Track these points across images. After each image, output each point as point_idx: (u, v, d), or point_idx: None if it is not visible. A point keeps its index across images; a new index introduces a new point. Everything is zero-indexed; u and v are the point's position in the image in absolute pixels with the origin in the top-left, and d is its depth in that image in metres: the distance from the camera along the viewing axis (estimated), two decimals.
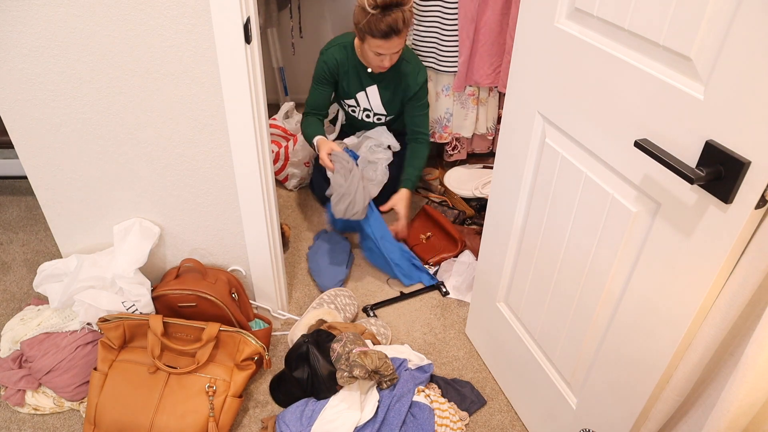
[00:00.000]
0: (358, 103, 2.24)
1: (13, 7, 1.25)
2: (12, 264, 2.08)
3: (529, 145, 1.26)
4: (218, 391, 1.47)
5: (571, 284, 1.20)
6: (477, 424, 1.58)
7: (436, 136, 2.48)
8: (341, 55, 2.11)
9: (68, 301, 1.51)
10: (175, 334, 1.53)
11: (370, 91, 2.18)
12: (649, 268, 0.96)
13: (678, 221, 0.88)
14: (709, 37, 0.76)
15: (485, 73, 2.31)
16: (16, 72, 1.33)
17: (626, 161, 0.96)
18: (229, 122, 1.43)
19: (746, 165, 0.74)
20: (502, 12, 2.18)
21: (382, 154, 2.25)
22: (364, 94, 2.20)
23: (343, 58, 2.11)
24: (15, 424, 1.55)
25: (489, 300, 1.61)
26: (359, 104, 2.25)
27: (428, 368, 1.61)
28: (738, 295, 0.80)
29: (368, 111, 2.27)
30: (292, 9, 2.84)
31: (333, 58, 2.11)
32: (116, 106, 1.40)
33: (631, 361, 1.05)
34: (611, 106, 0.97)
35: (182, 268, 1.64)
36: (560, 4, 1.06)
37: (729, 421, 0.79)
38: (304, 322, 1.72)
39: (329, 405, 1.46)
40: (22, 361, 1.57)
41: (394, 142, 2.26)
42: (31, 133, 1.43)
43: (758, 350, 0.74)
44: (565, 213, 1.17)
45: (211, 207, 1.60)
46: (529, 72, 1.20)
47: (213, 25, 1.28)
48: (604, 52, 0.96)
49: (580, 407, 1.27)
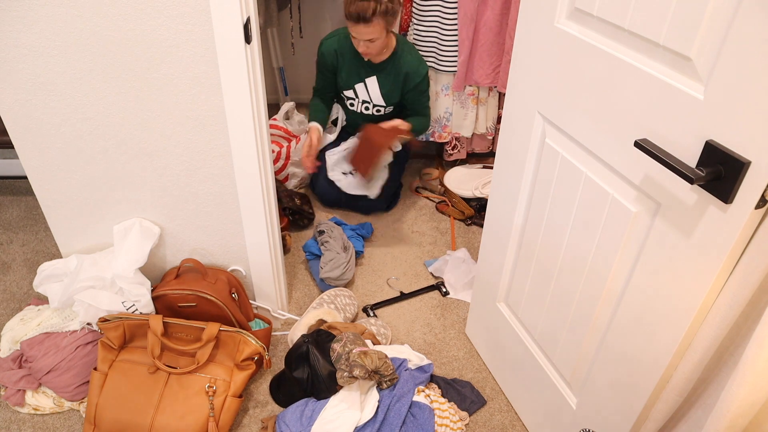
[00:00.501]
0: (356, 94, 2.25)
1: (13, 7, 1.25)
2: (12, 264, 2.08)
3: (529, 145, 1.26)
4: (218, 391, 1.47)
5: (571, 284, 1.20)
6: (477, 424, 1.58)
7: (436, 136, 2.48)
8: (339, 45, 2.14)
9: (68, 301, 1.51)
10: (175, 334, 1.53)
11: (369, 82, 2.20)
12: (649, 268, 0.96)
13: (678, 221, 0.88)
14: (709, 37, 0.76)
15: (485, 73, 2.32)
16: (16, 72, 1.33)
17: (626, 161, 0.96)
18: (229, 122, 1.43)
19: (746, 165, 0.74)
20: (501, 12, 2.18)
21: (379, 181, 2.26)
22: (363, 85, 2.21)
23: (341, 48, 2.14)
24: (15, 424, 1.55)
25: (489, 300, 1.61)
26: (358, 96, 2.25)
27: (428, 368, 1.61)
28: (738, 295, 0.80)
29: (367, 103, 2.27)
30: (292, 9, 2.84)
31: (331, 49, 2.15)
32: (116, 106, 1.40)
33: (631, 361, 1.05)
34: (611, 106, 0.97)
35: (182, 268, 1.64)
36: (560, 4, 1.06)
37: (729, 421, 0.79)
38: (304, 322, 1.72)
39: (329, 405, 1.46)
40: (22, 361, 1.57)
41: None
42: (31, 133, 1.43)
43: (758, 350, 0.74)
44: (565, 213, 1.17)
45: (211, 207, 1.60)
46: (529, 72, 1.20)
47: (213, 25, 1.28)
48: (604, 52, 0.96)
49: (580, 407, 1.27)
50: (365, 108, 2.29)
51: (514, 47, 1.23)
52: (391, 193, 2.37)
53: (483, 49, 2.26)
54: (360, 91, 2.23)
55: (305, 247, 2.09)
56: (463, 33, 2.21)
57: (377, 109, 2.27)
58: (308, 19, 2.93)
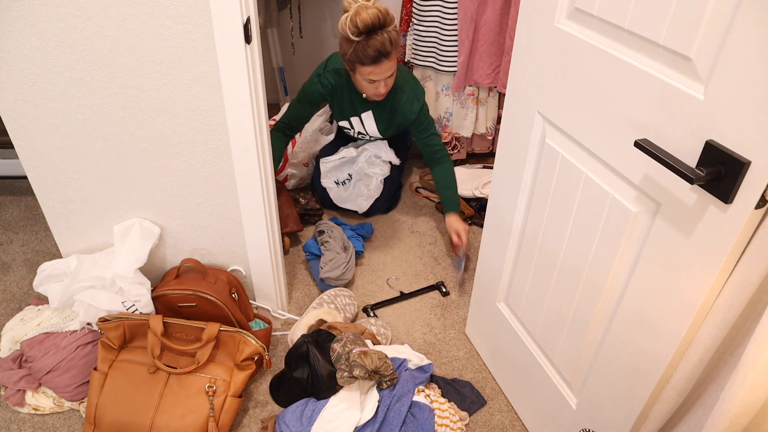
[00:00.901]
0: (352, 126, 2.22)
1: (13, 7, 1.25)
2: (12, 264, 2.08)
3: (529, 145, 1.26)
4: (218, 391, 1.47)
5: (571, 284, 1.20)
6: (477, 424, 1.58)
7: None
8: (335, 80, 2.05)
9: (68, 301, 1.51)
10: (175, 334, 1.53)
11: (365, 116, 2.14)
12: (649, 268, 0.96)
13: (678, 221, 0.88)
14: (709, 37, 0.76)
15: (485, 73, 2.32)
16: (16, 72, 1.33)
17: (626, 161, 0.96)
18: (229, 122, 1.43)
19: (746, 165, 0.74)
20: (501, 12, 2.18)
21: (379, 168, 2.25)
22: (359, 119, 2.16)
23: (337, 83, 2.06)
24: (15, 424, 1.55)
25: (489, 300, 1.61)
26: (353, 127, 2.22)
27: (428, 368, 1.61)
28: (738, 295, 0.80)
29: (363, 134, 2.25)
30: (292, 9, 2.84)
31: (329, 82, 2.05)
32: (116, 106, 1.40)
33: (631, 361, 1.05)
34: (611, 105, 0.97)
35: (182, 268, 1.64)
36: (560, 4, 1.06)
37: (729, 421, 0.80)
38: (304, 322, 1.72)
39: (329, 405, 1.46)
40: (22, 361, 1.57)
41: (393, 158, 2.24)
42: (31, 133, 1.43)
43: (758, 350, 0.74)
44: (565, 213, 1.17)
45: (211, 207, 1.60)
46: (529, 72, 1.20)
47: (213, 25, 1.28)
48: (604, 52, 0.96)
49: (580, 407, 1.27)
50: (361, 137, 2.28)
51: (514, 47, 1.23)
52: (391, 195, 2.37)
53: (483, 50, 2.26)
54: (355, 124, 2.19)
55: (305, 247, 2.09)
56: (463, 33, 2.21)
57: (372, 137, 2.26)
58: (308, 19, 2.93)
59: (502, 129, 1.36)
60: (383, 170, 2.24)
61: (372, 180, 2.25)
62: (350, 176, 2.28)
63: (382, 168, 2.24)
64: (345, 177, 2.28)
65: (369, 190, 2.24)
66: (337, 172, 2.29)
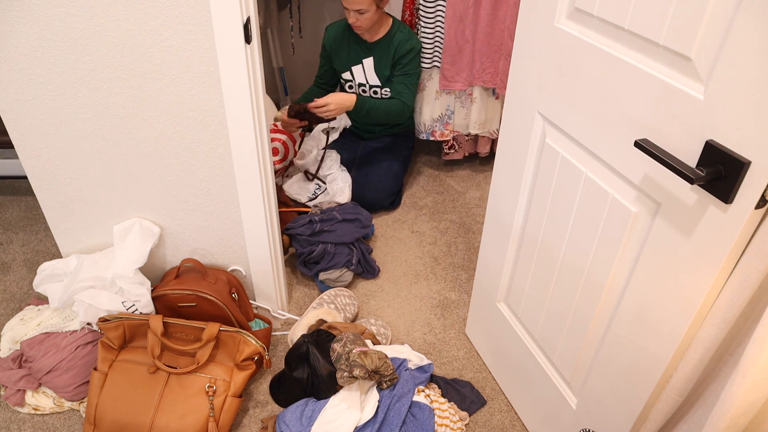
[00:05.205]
0: (353, 76, 2.31)
1: (13, 7, 1.25)
2: (12, 264, 2.08)
3: (529, 145, 1.26)
4: (218, 391, 1.47)
5: (571, 284, 1.20)
6: (477, 424, 1.58)
7: (437, 134, 2.49)
8: (337, 31, 2.24)
9: (68, 301, 1.51)
10: (175, 334, 1.53)
11: (366, 62, 2.26)
12: (649, 268, 0.96)
13: (678, 221, 0.88)
14: (709, 37, 0.76)
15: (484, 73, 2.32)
16: (16, 72, 1.33)
17: (626, 161, 0.96)
18: (229, 122, 1.43)
19: (746, 165, 0.74)
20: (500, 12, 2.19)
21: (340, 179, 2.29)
22: (361, 67, 2.27)
23: (338, 33, 2.23)
24: (15, 424, 1.55)
25: (489, 300, 1.61)
26: (354, 78, 2.32)
27: (428, 368, 1.61)
28: (738, 295, 0.80)
29: (364, 86, 2.32)
30: (292, 9, 2.84)
31: (330, 36, 2.26)
32: (116, 106, 1.40)
33: (631, 361, 1.05)
34: (611, 105, 0.97)
35: (182, 268, 1.64)
36: (560, 4, 1.06)
37: (729, 421, 0.80)
38: (304, 322, 1.72)
39: (329, 405, 1.46)
40: (22, 361, 1.57)
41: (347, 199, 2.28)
42: (31, 133, 1.43)
43: (758, 350, 0.74)
44: (565, 213, 1.17)
45: (211, 207, 1.60)
46: (529, 72, 1.20)
47: (213, 25, 1.28)
48: (604, 52, 0.96)
49: (580, 407, 1.27)
50: (362, 91, 2.35)
51: (514, 47, 1.23)
52: (395, 190, 2.40)
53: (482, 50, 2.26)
54: (357, 73, 2.30)
55: None
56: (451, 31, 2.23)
57: (374, 90, 2.32)
58: (308, 19, 2.93)
59: (502, 129, 1.36)
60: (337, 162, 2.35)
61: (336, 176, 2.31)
62: (319, 185, 2.35)
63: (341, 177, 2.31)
64: (314, 188, 2.34)
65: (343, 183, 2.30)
66: (303, 187, 2.34)
